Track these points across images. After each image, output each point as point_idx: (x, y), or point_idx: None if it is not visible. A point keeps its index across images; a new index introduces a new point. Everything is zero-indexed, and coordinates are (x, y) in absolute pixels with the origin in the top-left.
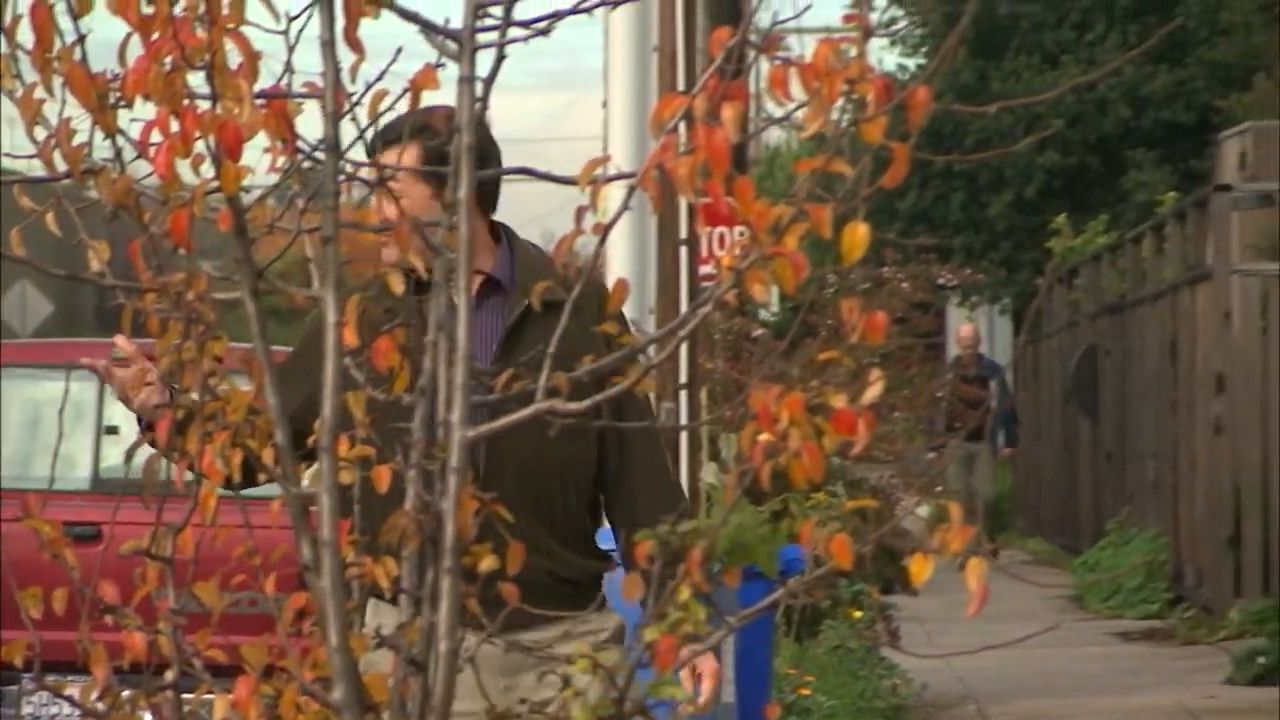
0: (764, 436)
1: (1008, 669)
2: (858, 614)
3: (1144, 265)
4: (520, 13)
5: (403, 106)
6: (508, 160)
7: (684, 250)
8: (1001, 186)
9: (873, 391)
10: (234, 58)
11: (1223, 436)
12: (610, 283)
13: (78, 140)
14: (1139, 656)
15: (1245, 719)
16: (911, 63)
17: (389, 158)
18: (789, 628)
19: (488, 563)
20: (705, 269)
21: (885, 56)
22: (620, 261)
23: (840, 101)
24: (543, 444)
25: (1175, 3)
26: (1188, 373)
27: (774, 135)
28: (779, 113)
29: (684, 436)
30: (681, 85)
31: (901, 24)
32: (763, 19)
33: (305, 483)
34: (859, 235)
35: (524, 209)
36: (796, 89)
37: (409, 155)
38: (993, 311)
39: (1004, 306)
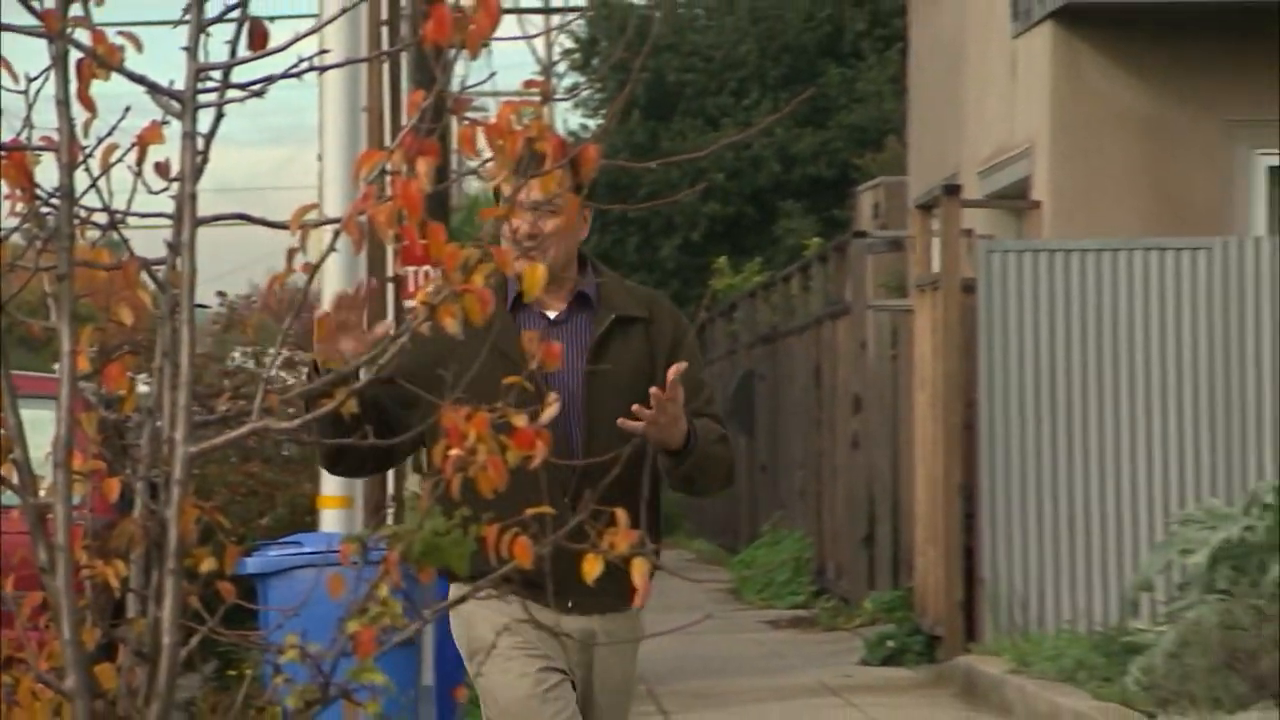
0: (454, 451)
1: (674, 653)
2: None
3: (793, 301)
4: (239, 75)
5: (131, 159)
6: (234, 206)
7: (390, 286)
8: (671, 232)
9: (550, 411)
10: None
11: (859, 450)
12: (317, 315)
13: None
14: (787, 641)
15: (876, 694)
16: (593, 123)
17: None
18: None
19: (207, 564)
20: (410, 303)
21: (570, 118)
22: (334, 296)
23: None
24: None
25: (819, 74)
26: (830, 394)
27: (475, 184)
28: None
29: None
30: (389, 141)
31: (582, 89)
32: (456, 83)
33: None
34: (538, 274)
35: (250, 250)
36: (484, 145)
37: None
38: None
39: None
